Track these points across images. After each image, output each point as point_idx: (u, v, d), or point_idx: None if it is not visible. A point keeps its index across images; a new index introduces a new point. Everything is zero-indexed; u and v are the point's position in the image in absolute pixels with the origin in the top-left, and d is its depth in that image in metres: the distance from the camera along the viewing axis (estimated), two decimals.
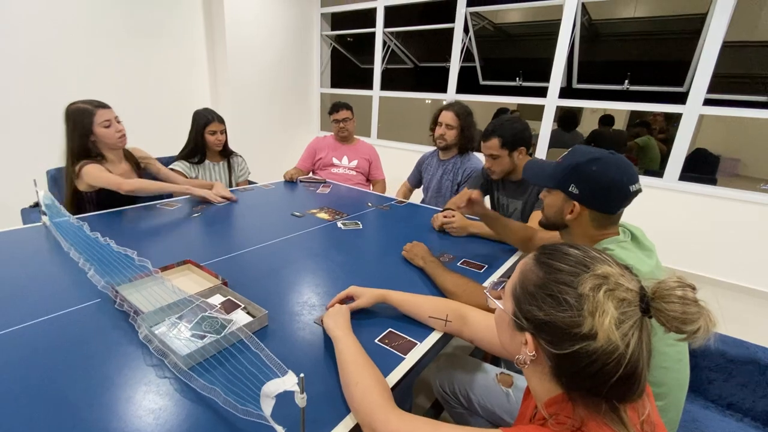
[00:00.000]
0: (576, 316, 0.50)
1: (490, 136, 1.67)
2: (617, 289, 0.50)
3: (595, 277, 0.51)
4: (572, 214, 0.97)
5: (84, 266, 1.15)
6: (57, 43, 2.92)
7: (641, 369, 0.49)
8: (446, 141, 2.17)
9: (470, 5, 3.71)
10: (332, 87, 5.08)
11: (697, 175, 3.02)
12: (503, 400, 1.07)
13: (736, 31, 2.83)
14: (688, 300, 0.48)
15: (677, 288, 0.49)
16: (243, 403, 0.66)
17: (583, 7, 3.22)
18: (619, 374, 0.48)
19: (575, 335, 0.50)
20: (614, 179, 0.91)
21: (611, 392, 0.50)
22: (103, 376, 0.77)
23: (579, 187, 0.95)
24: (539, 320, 0.54)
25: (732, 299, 2.81)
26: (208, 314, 0.92)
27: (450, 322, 0.94)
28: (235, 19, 3.84)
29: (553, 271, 0.55)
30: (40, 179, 1.67)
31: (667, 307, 0.48)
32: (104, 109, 1.70)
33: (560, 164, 1.01)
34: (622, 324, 0.48)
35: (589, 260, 0.54)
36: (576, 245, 0.58)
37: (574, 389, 0.53)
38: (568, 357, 0.51)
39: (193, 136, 2.20)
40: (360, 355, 0.78)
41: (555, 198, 1.02)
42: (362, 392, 0.69)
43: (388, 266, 1.34)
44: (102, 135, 1.69)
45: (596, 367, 0.49)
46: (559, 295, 0.52)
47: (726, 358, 1.16)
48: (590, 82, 3.57)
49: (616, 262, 0.55)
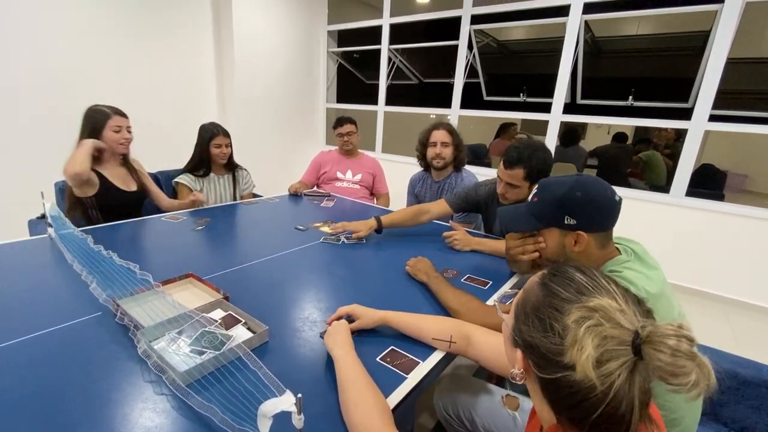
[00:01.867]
0: (559, 344, 0.49)
1: (515, 165, 1.50)
2: (603, 325, 0.46)
3: (583, 309, 0.49)
4: (578, 245, 0.94)
5: (86, 279, 1.15)
6: (65, 55, 2.98)
7: (626, 411, 0.45)
8: (444, 159, 2.14)
9: (474, 23, 3.77)
10: (338, 102, 5.14)
11: (704, 191, 2.99)
12: (510, 424, 1.03)
13: (741, 48, 2.84)
14: (680, 352, 0.44)
15: (671, 336, 0.45)
16: (240, 422, 0.65)
17: (586, 25, 3.26)
18: (599, 412, 0.45)
19: (557, 363, 0.48)
20: (601, 196, 0.92)
21: (594, 429, 0.47)
22: (101, 391, 0.76)
23: (575, 217, 0.93)
24: (527, 341, 0.53)
25: (743, 317, 2.74)
26: (208, 329, 0.91)
27: (454, 343, 0.92)
28: (243, 35, 3.93)
29: (549, 295, 0.53)
30: (47, 191, 1.68)
31: (654, 355, 0.44)
32: (120, 117, 1.82)
33: (540, 203, 0.99)
34: (607, 363, 0.45)
35: (591, 288, 0.52)
36: (586, 270, 0.55)
37: (559, 414, 0.51)
38: (551, 382, 0.50)
39: (199, 150, 2.23)
40: (361, 376, 0.76)
41: (550, 237, 0.99)
42: (362, 414, 0.67)
43: (391, 282, 1.33)
44: (108, 137, 1.80)
45: (576, 399, 0.47)
46: (548, 320, 0.51)
47: (738, 380, 1.12)
48: (594, 97, 3.58)
49: (625, 295, 0.51)
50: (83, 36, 3.05)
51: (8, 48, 2.71)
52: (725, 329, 2.59)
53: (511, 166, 1.51)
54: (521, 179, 1.52)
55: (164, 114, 3.60)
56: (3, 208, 2.83)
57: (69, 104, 3.02)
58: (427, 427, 1.55)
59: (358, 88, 5.17)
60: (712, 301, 2.93)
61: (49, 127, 2.95)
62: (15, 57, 2.75)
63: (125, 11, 3.24)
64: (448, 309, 1.12)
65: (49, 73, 2.92)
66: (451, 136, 2.14)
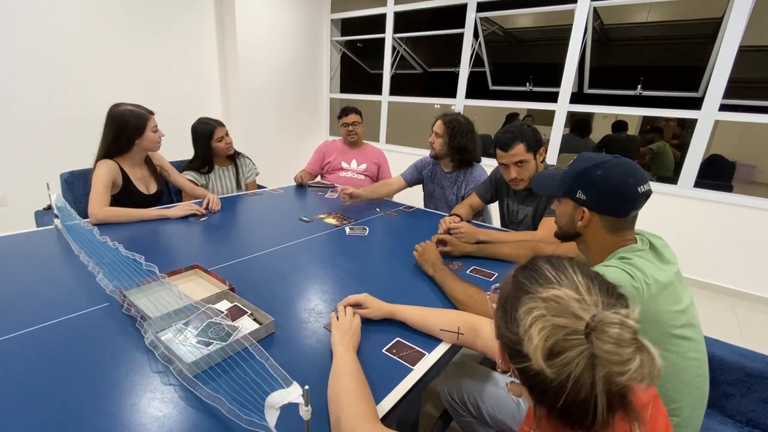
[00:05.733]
0: (516, 334, 0.50)
1: (512, 142, 1.59)
2: (554, 315, 0.46)
3: (536, 300, 0.49)
4: (582, 221, 0.95)
5: (93, 270, 1.16)
6: (71, 49, 2.97)
7: (589, 400, 0.44)
8: (435, 150, 2.12)
9: (480, 10, 3.71)
10: (341, 92, 5.10)
11: (712, 182, 2.95)
12: (514, 410, 1.05)
13: (754, 35, 2.77)
14: (622, 341, 0.44)
15: (615, 325, 0.44)
16: (247, 413, 0.65)
17: (594, 12, 3.19)
18: (562, 401, 0.45)
19: (519, 353, 0.49)
20: (619, 181, 0.90)
21: (563, 416, 0.48)
22: (109, 381, 0.76)
23: (586, 193, 0.94)
24: (499, 332, 0.56)
25: (750, 310, 2.73)
26: (214, 321, 0.92)
27: (462, 334, 0.92)
28: (246, 24, 3.89)
29: (515, 288, 0.55)
30: (53, 182, 1.69)
31: (598, 344, 0.44)
32: (153, 116, 1.82)
33: (566, 172, 1.00)
34: (564, 353, 0.44)
35: (552, 279, 0.52)
36: (555, 262, 0.55)
37: (536, 401, 0.52)
38: (521, 372, 0.51)
39: (201, 150, 2.20)
40: (357, 371, 0.77)
41: (565, 207, 1.01)
42: (351, 401, 0.68)
43: (395, 273, 1.33)
44: (149, 138, 1.79)
45: (541, 388, 0.48)
46: (510, 311, 0.52)
47: (745, 372, 1.12)
48: (602, 87, 3.52)
49: (591, 285, 0.50)
50: (88, 29, 3.03)
51: (14, 41, 2.70)
52: (732, 321, 2.58)
53: (509, 145, 1.60)
54: (524, 153, 1.60)
55: (168, 106, 3.58)
56: (10, 200, 2.85)
57: (74, 97, 3.03)
58: (433, 415, 1.56)
59: (362, 78, 5.12)
60: (719, 293, 2.92)
61: (54, 119, 2.95)
62: (21, 50, 2.74)
63: (129, 2, 3.21)
64: (454, 300, 1.12)
65: (55, 66, 2.91)
66: (444, 128, 2.08)
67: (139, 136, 1.76)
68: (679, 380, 0.86)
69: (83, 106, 3.05)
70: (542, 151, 1.66)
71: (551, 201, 1.56)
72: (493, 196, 1.94)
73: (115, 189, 1.75)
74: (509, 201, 1.87)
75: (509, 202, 1.87)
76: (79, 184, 1.91)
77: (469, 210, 1.90)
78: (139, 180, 1.84)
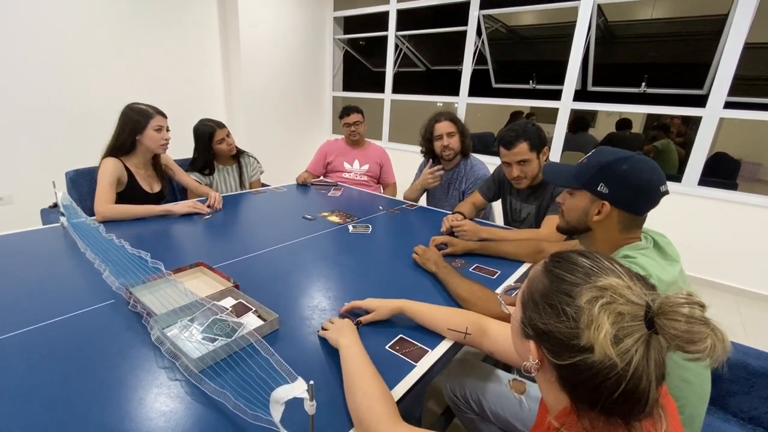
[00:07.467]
0: (574, 327, 0.49)
1: (515, 141, 1.59)
2: (615, 302, 0.47)
3: (594, 289, 0.49)
4: (600, 214, 0.93)
5: (99, 267, 1.17)
6: (74, 48, 2.99)
7: (646, 387, 0.46)
8: (453, 150, 2.11)
9: (483, 8, 3.69)
10: (344, 90, 5.10)
11: (716, 180, 2.94)
12: (516, 407, 1.05)
13: (759, 32, 2.75)
14: (694, 319, 0.45)
15: (684, 305, 0.45)
16: (252, 408, 0.66)
17: (599, 9, 3.18)
18: (620, 390, 0.46)
19: (574, 347, 0.49)
20: (646, 179, 0.89)
21: (614, 408, 0.47)
22: (116, 377, 0.77)
23: (609, 187, 0.91)
24: (540, 329, 0.53)
25: (754, 308, 2.72)
26: (219, 317, 0.93)
27: (469, 334, 0.92)
28: (249, 22, 3.89)
29: (557, 281, 0.54)
30: (59, 180, 1.70)
31: (669, 324, 0.45)
32: (161, 116, 1.82)
33: (585, 164, 0.97)
34: (624, 339, 0.46)
35: (596, 270, 0.52)
36: (588, 254, 0.56)
37: (578, 401, 0.51)
38: (568, 368, 0.50)
39: (202, 152, 2.21)
40: (368, 365, 0.77)
41: (579, 199, 0.98)
42: (369, 402, 0.68)
43: (398, 271, 1.33)
44: (149, 137, 1.78)
45: (596, 381, 0.47)
46: (559, 305, 0.51)
47: (747, 370, 1.11)
48: (606, 84, 3.51)
49: (629, 273, 0.52)
50: (90, 28, 3.04)
51: (18, 40, 2.71)
52: (735, 320, 2.57)
53: (513, 144, 1.60)
54: (528, 151, 1.60)
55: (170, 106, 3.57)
56: (16, 198, 2.88)
57: (79, 95, 3.05)
58: (435, 412, 1.57)
59: (365, 76, 5.12)
60: (723, 291, 2.91)
61: (59, 118, 2.97)
62: (22, 50, 2.75)
63: (131, 1, 3.22)
64: (457, 298, 1.12)
65: (60, 65, 2.93)
66: (454, 125, 2.10)
67: (140, 132, 1.76)
68: (681, 378, 0.86)
69: (86, 105, 3.07)
70: (545, 150, 1.65)
71: (554, 199, 1.56)
72: (496, 194, 1.94)
73: (120, 187, 1.76)
74: (512, 199, 1.87)
75: (512, 200, 1.87)
76: (85, 182, 1.92)
77: (471, 208, 1.89)
78: (144, 179, 1.86)
